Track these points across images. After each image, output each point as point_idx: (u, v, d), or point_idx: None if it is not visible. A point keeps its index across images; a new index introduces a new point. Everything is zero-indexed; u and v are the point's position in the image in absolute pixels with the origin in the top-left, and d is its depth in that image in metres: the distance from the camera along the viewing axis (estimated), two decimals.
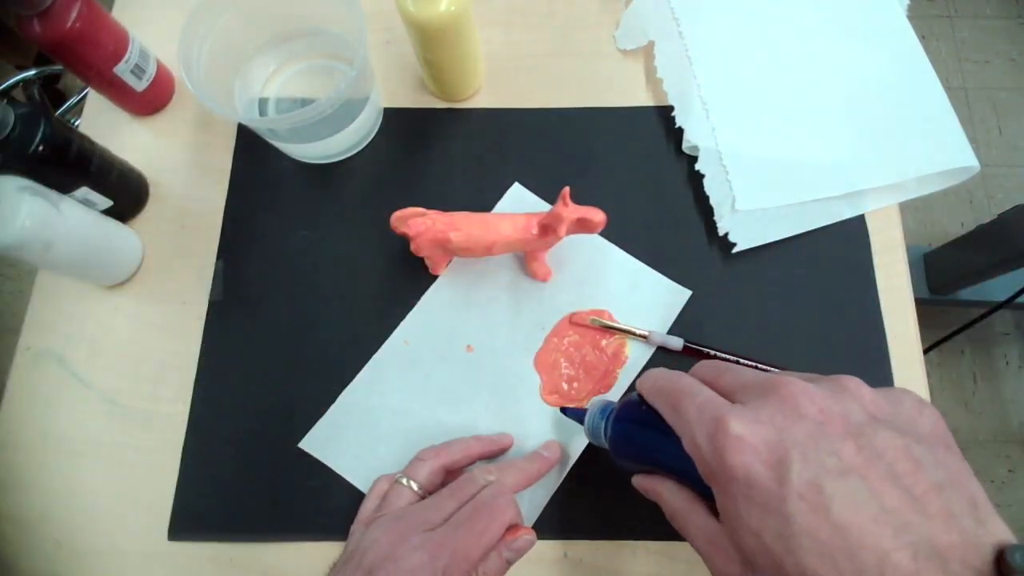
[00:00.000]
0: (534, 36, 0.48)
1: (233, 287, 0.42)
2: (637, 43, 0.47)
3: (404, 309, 0.41)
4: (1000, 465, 1.10)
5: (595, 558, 0.37)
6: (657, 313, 0.40)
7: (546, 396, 0.39)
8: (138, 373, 0.41)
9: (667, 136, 0.45)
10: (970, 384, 1.15)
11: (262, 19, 0.43)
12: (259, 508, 0.38)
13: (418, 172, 0.45)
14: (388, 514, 0.32)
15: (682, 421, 0.24)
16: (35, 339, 0.42)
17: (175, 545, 0.38)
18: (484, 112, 0.46)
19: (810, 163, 0.43)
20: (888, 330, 0.40)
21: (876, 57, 0.45)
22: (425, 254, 0.39)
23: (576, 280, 0.41)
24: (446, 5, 0.36)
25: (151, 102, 0.46)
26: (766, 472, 0.20)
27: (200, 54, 0.38)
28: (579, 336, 0.40)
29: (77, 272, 0.41)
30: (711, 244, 0.42)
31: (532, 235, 0.37)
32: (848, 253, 0.42)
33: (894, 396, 0.22)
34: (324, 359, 0.41)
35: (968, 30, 1.38)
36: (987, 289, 1.02)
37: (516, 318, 0.41)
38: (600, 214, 0.36)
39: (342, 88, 0.36)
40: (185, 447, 0.39)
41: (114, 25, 0.41)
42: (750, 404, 0.22)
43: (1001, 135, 1.30)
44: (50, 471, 0.39)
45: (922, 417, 0.22)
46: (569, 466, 0.38)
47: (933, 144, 0.43)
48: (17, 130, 0.35)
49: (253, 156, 0.45)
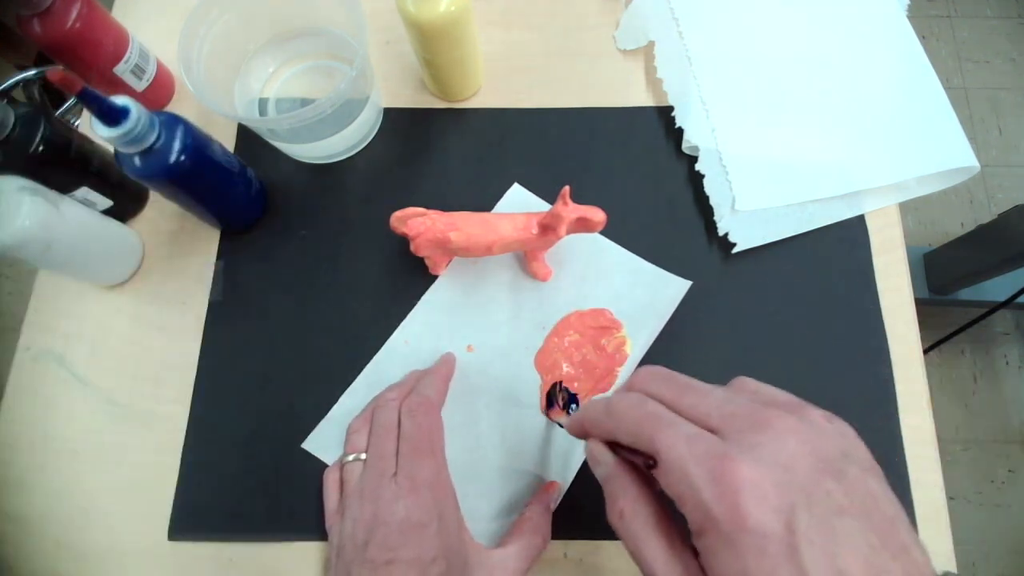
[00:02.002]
0: (534, 36, 0.48)
1: (233, 287, 0.42)
2: (637, 43, 0.47)
3: (404, 309, 0.41)
4: (1000, 465, 1.10)
5: (595, 558, 0.37)
6: (657, 308, 0.40)
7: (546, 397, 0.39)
8: (138, 373, 0.41)
9: (667, 136, 0.45)
10: (970, 384, 1.15)
11: (262, 19, 0.43)
12: (259, 508, 0.38)
13: (418, 172, 0.45)
14: (350, 492, 0.33)
15: (668, 458, 0.21)
16: (35, 339, 0.42)
17: (175, 545, 0.38)
18: (484, 112, 0.46)
19: (810, 163, 0.43)
20: (888, 330, 0.40)
21: (876, 57, 0.45)
22: (425, 254, 0.39)
23: (576, 279, 0.41)
24: (446, 5, 0.36)
25: (151, 102, 0.46)
26: (777, 519, 0.19)
27: (200, 54, 0.38)
28: (579, 335, 0.40)
29: (77, 272, 0.41)
30: (711, 244, 0.42)
31: (532, 235, 0.37)
32: (848, 253, 0.42)
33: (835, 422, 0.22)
34: (324, 359, 0.41)
35: (968, 30, 1.38)
36: (987, 289, 1.02)
37: (516, 318, 0.41)
38: (600, 213, 0.36)
39: (342, 88, 0.36)
40: (185, 447, 0.39)
41: (114, 25, 0.41)
42: (745, 441, 0.21)
43: (1001, 135, 1.30)
44: (50, 471, 0.39)
45: (857, 442, 0.22)
46: (575, 470, 0.37)
47: (933, 144, 0.43)
48: (17, 130, 0.35)
49: (253, 156, 0.45)
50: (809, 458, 0.20)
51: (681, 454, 0.21)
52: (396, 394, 0.37)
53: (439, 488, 0.33)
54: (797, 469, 0.20)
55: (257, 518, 0.38)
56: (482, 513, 0.37)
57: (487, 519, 0.37)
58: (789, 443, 0.20)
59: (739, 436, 0.21)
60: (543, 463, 0.38)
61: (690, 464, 0.21)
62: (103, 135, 0.31)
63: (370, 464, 0.33)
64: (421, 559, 0.30)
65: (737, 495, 0.19)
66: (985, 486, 1.09)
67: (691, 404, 0.23)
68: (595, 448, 0.26)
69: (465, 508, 0.35)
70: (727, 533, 0.19)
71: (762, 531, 0.19)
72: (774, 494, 0.19)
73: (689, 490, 0.20)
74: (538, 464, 0.38)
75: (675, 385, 0.24)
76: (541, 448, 0.38)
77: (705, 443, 0.21)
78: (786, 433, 0.21)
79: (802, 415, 0.22)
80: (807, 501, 0.19)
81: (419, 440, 0.33)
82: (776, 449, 0.20)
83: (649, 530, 0.23)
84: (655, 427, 0.22)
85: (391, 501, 0.31)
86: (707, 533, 0.20)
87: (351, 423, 0.37)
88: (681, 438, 0.21)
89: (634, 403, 0.24)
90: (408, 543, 0.30)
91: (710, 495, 0.20)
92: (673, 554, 0.22)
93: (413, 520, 0.30)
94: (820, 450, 0.21)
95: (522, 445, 0.38)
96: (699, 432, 0.22)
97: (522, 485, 0.37)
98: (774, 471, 0.20)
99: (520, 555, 0.33)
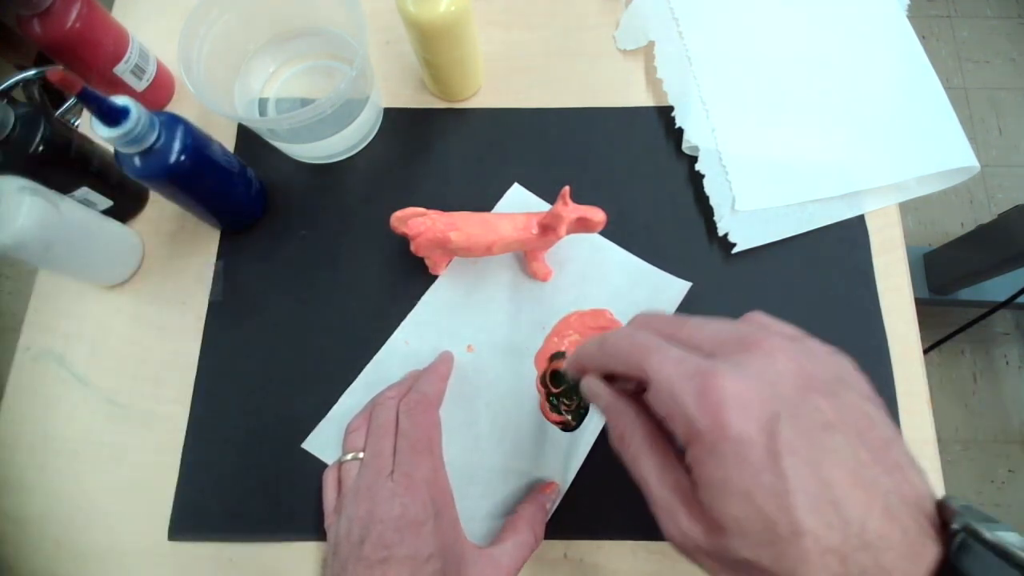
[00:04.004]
0: (534, 36, 0.48)
1: (233, 287, 0.42)
2: (637, 43, 0.47)
3: (404, 309, 0.41)
4: (1000, 465, 1.10)
5: (595, 558, 0.37)
6: (657, 308, 0.40)
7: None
8: (138, 373, 0.41)
9: (667, 136, 0.45)
10: (970, 384, 1.15)
11: (262, 19, 0.43)
12: (259, 508, 0.38)
13: (418, 172, 0.45)
14: (347, 491, 0.33)
15: (656, 379, 0.22)
16: (35, 339, 0.42)
17: (175, 545, 0.38)
18: (484, 112, 0.46)
19: (810, 163, 0.43)
20: (888, 330, 0.40)
21: (876, 57, 0.45)
22: (425, 254, 0.39)
23: (576, 279, 0.41)
24: (446, 5, 0.36)
25: (151, 102, 0.46)
26: (759, 429, 0.20)
27: (200, 54, 0.38)
28: (579, 335, 0.40)
29: (77, 272, 0.41)
30: (711, 244, 0.42)
31: (532, 235, 0.37)
32: (848, 253, 0.42)
33: (834, 353, 0.23)
34: (324, 359, 0.41)
35: (968, 30, 1.38)
36: (987, 289, 1.02)
37: (516, 318, 0.41)
38: (600, 213, 0.36)
39: (342, 88, 0.36)
40: (185, 447, 0.39)
41: (114, 25, 0.41)
42: (732, 359, 0.21)
43: (1001, 135, 1.30)
44: (50, 471, 0.39)
45: (856, 374, 0.23)
46: (575, 471, 0.37)
47: (933, 144, 0.43)
48: (17, 130, 0.35)
49: (253, 156, 0.45)
50: (797, 376, 0.21)
51: (669, 374, 0.22)
52: (395, 392, 0.37)
53: (436, 486, 0.33)
54: (783, 384, 0.21)
55: (257, 518, 0.38)
56: (481, 513, 0.37)
57: (486, 518, 0.37)
58: (778, 360, 0.21)
59: (727, 356, 0.22)
60: (543, 463, 0.38)
61: (676, 382, 0.21)
62: (103, 135, 0.31)
63: (367, 462, 0.33)
64: (416, 557, 0.30)
65: (719, 405, 0.20)
66: (985, 486, 1.09)
67: (688, 334, 0.24)
68: (592, 382, 0.27)
69: (464, 508, 0.35)
70: (710, 443, 0.20)
71: (742, 439, 0.19)
72: (757, 405, 0.20)
73: (676, 406, 0.21)
74: (537, 464, 0.38)
75: (670, 321, 0.25)
76: (541, 448, 0.38)
77: (692, 362, 0.22)
78: (775, 351, 0.21)
79: (798, 340, 0.23)
80: (792, 413, 0.20)
81: (417, 438, 0.34)
82: (763, 365, 0.21)
83: (645, 449, 0.24)
84: (645, 353, 0.23)
85: (387, 499, 0.31)
86: (692, 444, 0.21)
87: (350, 422, 0.37)
88: (669, 360, 0.22)
89: (625, 334, 0.25)
90: (404, 540, 0.30)
91: (694, 408, 0.20)
92: (665, 467, 0.23)
93: (409, 518, 0.30)
94: (809, 369, 0.21)
95: (521, 445, 0.38)
96: (687, 354, 0.22)
97: (521, 485, 0.37)
98: (758, 384, 0.20)
99: (513, 552, 0.33)
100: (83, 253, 0.39)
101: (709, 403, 0.20)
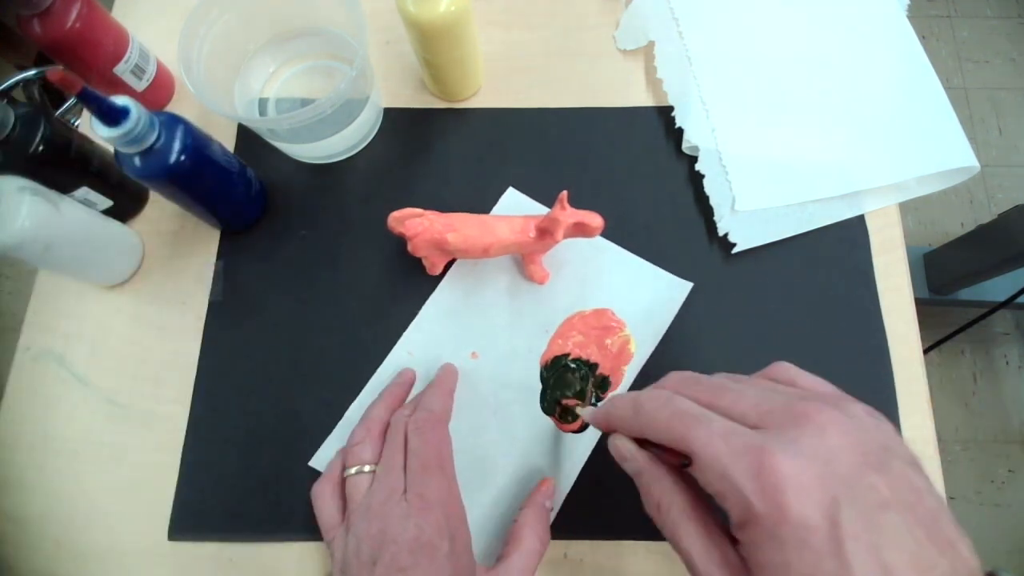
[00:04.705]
0: (534, 36, 0.48)
1: (233, 287, 0.42)
2: (637, 43, 0.47)
3: (404, 309, 0.41)
4: (1000, 465, 1.10)
5: (595, 558, 0.37)
6: (659, 309, 0.40)
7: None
8: (138, 373, 0.41)
9: (667, 136, 0.45)
10: (970, 384, 1.15)
11: (262, 19, 0.43)
12: (259, 508, 0.38)
13: (418, 172, 0.45)
14: (357, 506, 0.32)
15: (704, 454, 0.21)
16: (35, 339, 0.42)
17: (175, 545, 0.38)
18: (484, 112, 0.46)
19: (810, 163, 0.43)
20: (888, 330, 0.40)
21: (876, 57, 0.45)
22: (422, 255, 0.39)
23: (577, 280, 0.41)
24: (446, 5, 0.36)
25: (151, 102, 0.46)
26: (822, 515, 0.19)
27: (200, 54, 0.38)
28: (583, 336, 0.40)
29: (77, 272, 0.41)
30: (711, 244, 0.42)
31: (529, 238, 0.37)
32: (848, 253, 0.42)
33: (876, 416, 0.22)
34: (323, 359, 0.41)
35: (968, 30, 1.38)
36: (987, 289, 1.02)
37: (518, 322, 0.40)
38: (598, 219, 0.36)
39: (342, 88, 0.36)
40: (185, 447, 0.39)
41: (114, 25, 0.41)
42: (784, 435, 0.20)
43: (1001, 135, 1.30)
44: (50, 471, 0.39)
45: (897, 437, 0.22)
46: (577, 472, 0.37)
47: (933, 144, 0.43)
48: (17, 130, 0.35)
49: (253, 156, 0.45)
50: (851, 451, 0.20)
51: (718, 451, 0.21)
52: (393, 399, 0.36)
53: (450, 507, 0.32)
54: (839, 462, 0.20)
55: (257, 518, 0.38)
56: (493, 523, 0.36)
57: (497, 527, 0.36)
58: (830, 436, 0.20)
59: (778, 430, 0.21)
60: (554, 465, 0.38)
61: (728, 460, 0.20)
62: (103, 135, 0.31)
63: (380, 478, 0.32)
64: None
65: (778, 488, 0.19)
66: (985, 486, 1.09)
67: (730, 402, 0.23)
68: (622, 445, 0.26)
69: (475, 517, 0.34)
70: (770, 527, 0.19)
71: (805, 524, 0.19)
72: (816, 487, 0.19)
73: (729, 486, 0.20)
74: (550, 466, 0.38)
75: (708, 387, 0.24)
76: (552, 450, 0.38)
77: (742, 437, 0.21)
78: (827, 426, 0.20)
79: (843, 408, 0.22)
80: (850, 494, 0.19)
81: (427, 456, 0.32)
82: (817, 442, 0.20)
83: (686, 519, 0.23)
84: (688, 425, 0.22)
85: (401, 519, 0.30)
86: (749, 527, 0.20)
87: (352, 434, 0.36)
88: (716, 434, 0.21)
89: (663, 401, 0.24)
90: (419, 564, 0.29)
91: (751, 490, 0.20)
92: (711, 542, 0.22)
93: (423, 540, 0.29)
94: (862, 443, 0.20)
95: (532, 448, 0.38)
96: (734, 426, 0.21)
97: (532, 489, 0.37)
98: (815, 464, 0.20)
99: (520, 565, 0.32)
100: (83, 253, 0.39)
101: (767, 485, 0.19)
